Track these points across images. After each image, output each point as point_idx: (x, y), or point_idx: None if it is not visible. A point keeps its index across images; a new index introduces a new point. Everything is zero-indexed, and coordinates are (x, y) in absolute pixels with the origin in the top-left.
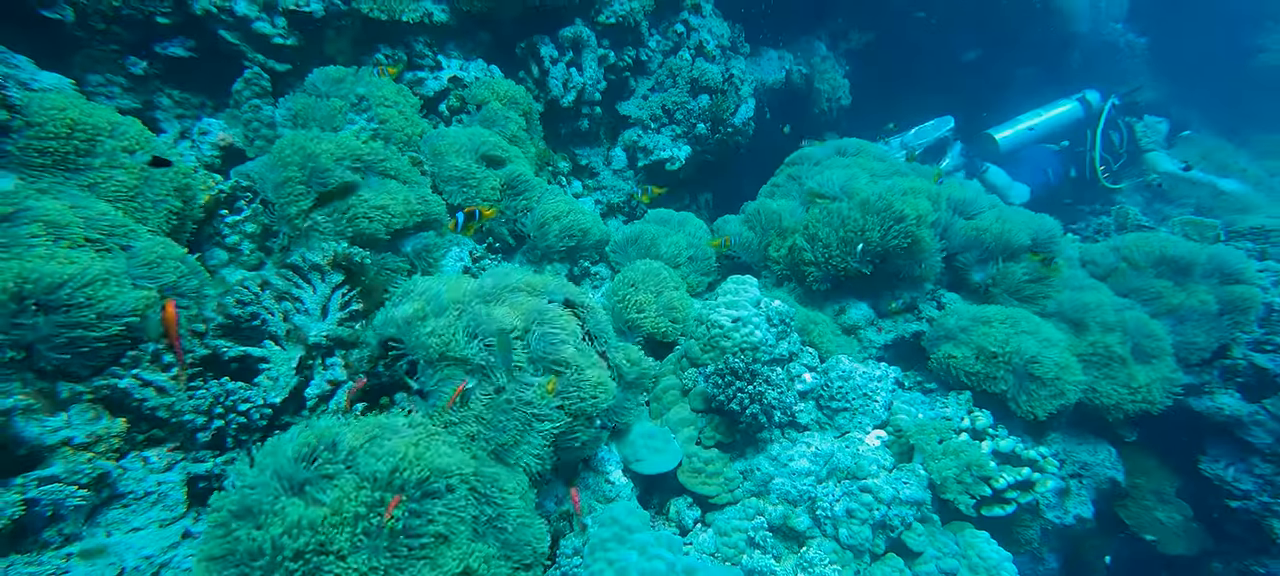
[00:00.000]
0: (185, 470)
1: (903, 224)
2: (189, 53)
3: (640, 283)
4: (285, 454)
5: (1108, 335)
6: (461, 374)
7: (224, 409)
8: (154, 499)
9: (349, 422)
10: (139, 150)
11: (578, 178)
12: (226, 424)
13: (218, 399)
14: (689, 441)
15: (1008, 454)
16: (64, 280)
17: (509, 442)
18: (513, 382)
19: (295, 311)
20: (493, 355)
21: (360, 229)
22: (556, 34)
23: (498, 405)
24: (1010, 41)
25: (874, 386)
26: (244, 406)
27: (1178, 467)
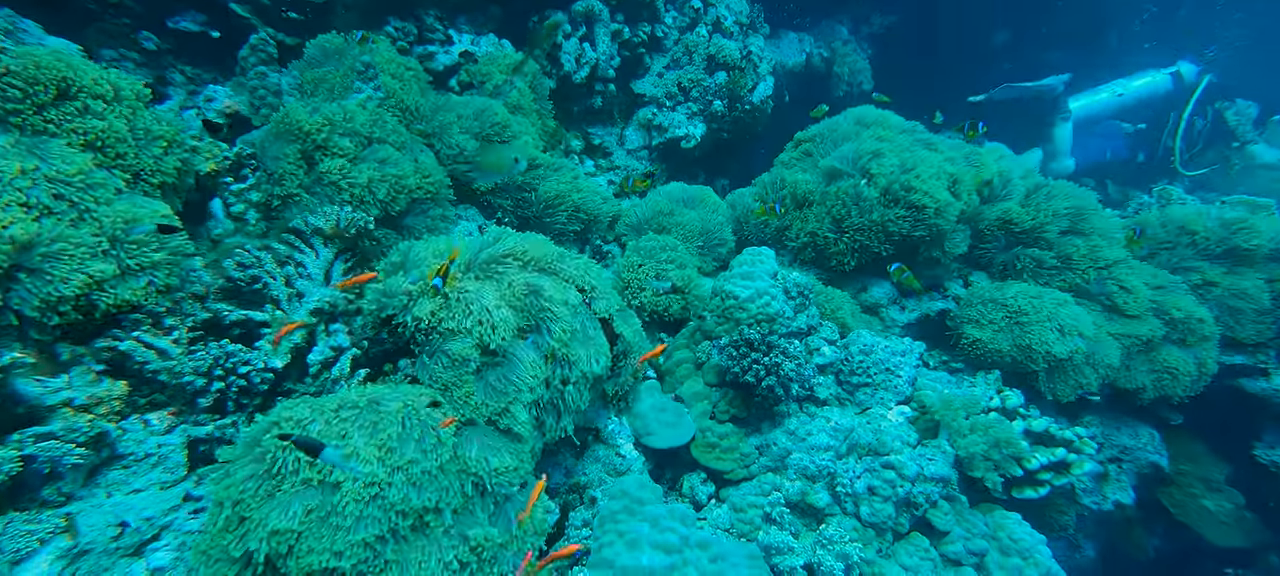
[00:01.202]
0: (186, 433)
1: (922, 214)
2: (201, 27)
3: (650, 258)
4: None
5: (1146, 316)
6: (456, 346)
7: (225, 371)
8: (154, 461)
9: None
10: (124, 106)
11: (590, 157)
12: (227, 387)
13: (218, 361)
14: (703, 415)
15: (1041, 433)
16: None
17: (497, 411)
18: (502, 360)
19: (298, 276)
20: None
21: (361, 198)
22: (569, 8)
23: (488, 381)
24: (1043, 22)
25: (897, 360)
26: (244, 370)
27: (1228, 453)
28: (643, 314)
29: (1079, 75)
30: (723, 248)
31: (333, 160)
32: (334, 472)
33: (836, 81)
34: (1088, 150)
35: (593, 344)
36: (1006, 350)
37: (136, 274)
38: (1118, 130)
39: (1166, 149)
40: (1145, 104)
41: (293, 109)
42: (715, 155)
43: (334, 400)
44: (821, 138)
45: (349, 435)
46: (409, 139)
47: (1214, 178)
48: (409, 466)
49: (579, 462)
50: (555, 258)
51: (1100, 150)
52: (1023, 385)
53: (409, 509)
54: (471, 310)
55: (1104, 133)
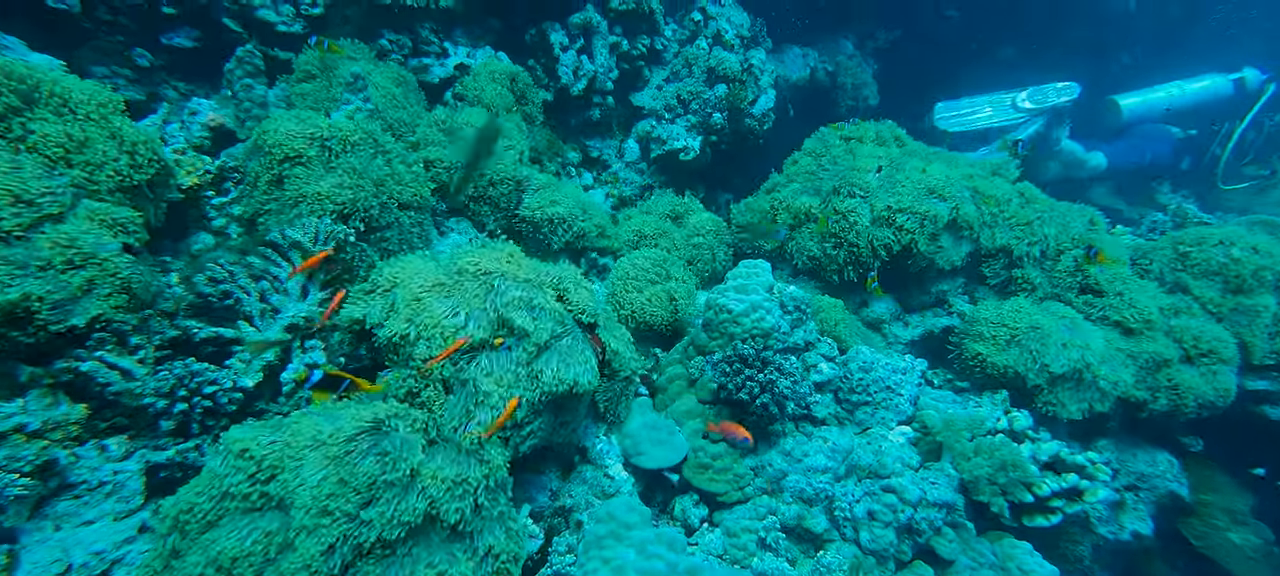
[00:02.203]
0: (144, 458)
1: (916, 240)
2: (195, 43)
3: (642, 271)
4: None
5: (1156, 336)
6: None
7: (189, 392)
8: (109, 490)
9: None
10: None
11: (588, 170)
12: (191, 408)
13: (182, 381)
14: (695, 434)
15: (1051, 459)
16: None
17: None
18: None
19: (273, 291)
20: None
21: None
22: (567, 20)
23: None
24: (1050, 39)
25: (898, 379)
26: (211, 389)
27: (1254, 483)
28: (631, 323)
29: (1090, 90)
30: (718, 261)
31: (311, 172)
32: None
33: (841, 95)
34: (1127, 150)
35: (575, 356)
36: (1013, 367)
37: (88, 292)
38: (1165, 133)
39: (1213, 158)
40: (1202, 108)
41: (274, 120)
42: (717, 168)
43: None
44: (818, 154)
45: (304, 460)
46: (396, 150)
47: (1242, 196)
48: (365, 485)
49: (565, 484)
50: (536, 269)
51: (1141, 152)
52: (1032, 405)
53: (365, 532)
54: (440, 324)
55: (1148, 135)
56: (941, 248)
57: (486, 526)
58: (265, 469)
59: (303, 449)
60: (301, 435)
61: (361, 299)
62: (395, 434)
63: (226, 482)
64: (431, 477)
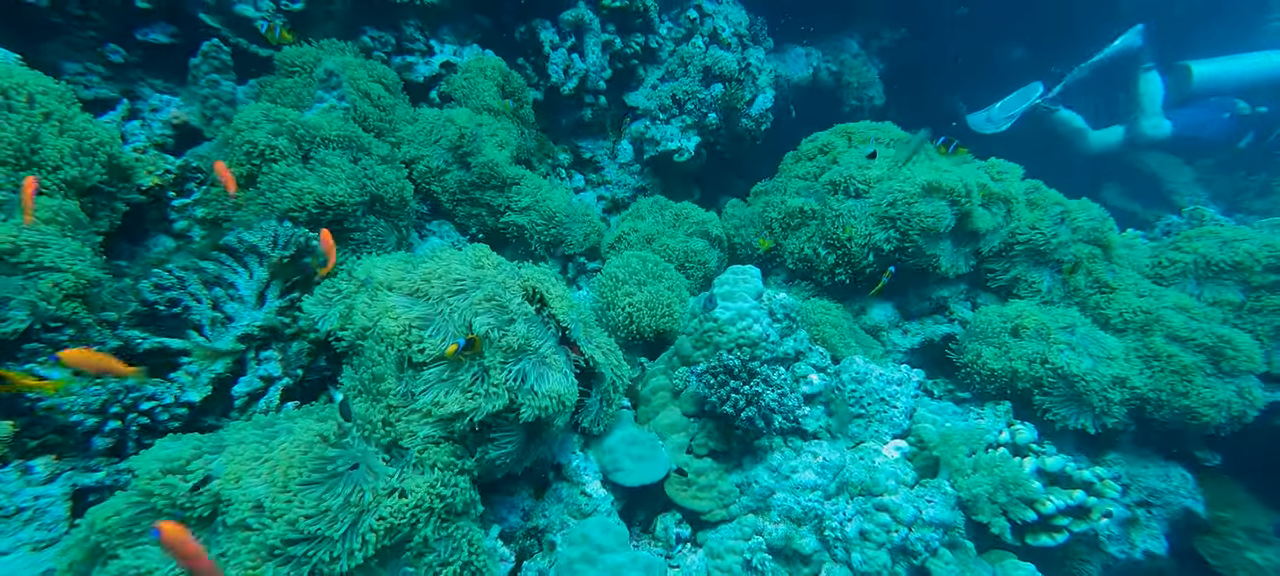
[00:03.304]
0: (72, 481)
1: (914, 243)
2: (172, 39)
3: (628, 275)
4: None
5: (1172, 344)
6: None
7: (123, 408)
8: (28, 516)
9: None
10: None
11: (580, 171)
12: (125, 425)
13: (115, 396)
14: (679, 449)
15: (1056, 473)
16: None
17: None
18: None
19: (228, 298)
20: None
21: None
22: (557, 18)
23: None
24: (1062, 40)
25: (893, 391)
26: (148, 406)
27: (1276, 501)
28: (620, 331)
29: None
30: (712, 265)
31: (278, 171)
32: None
33: (846, 95)
34: (1188, 119)
35: (550, 367)
36: (1015, 375)
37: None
38: (1230, 106)
39: (1278, 139)
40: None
41: (244, 115)
42: (713, 170)
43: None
44: (812, 154)
45: (242, 479)
46: (376, 149)
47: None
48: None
49: (539, 503)
50: (512, 273)
51: (1201, 123)
52: (1037, 417)
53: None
54: (403, 331)
55: (1214, 106)
56: (942, 251)
57: (450, 551)
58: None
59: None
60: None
61: (322, 302)
62: (351, 449)
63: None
64: (388, 503)
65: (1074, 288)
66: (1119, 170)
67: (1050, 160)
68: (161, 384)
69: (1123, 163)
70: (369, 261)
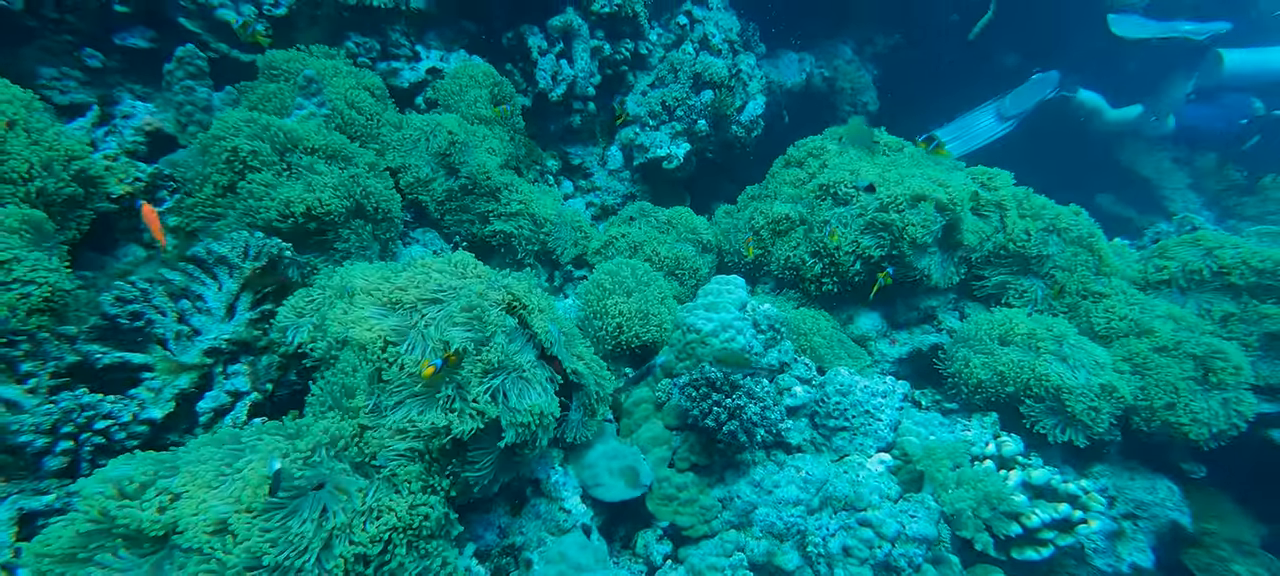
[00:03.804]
0: (18, 505)
1: (898, 246)
2: (151, 44)
3: (615, 283)
4: None
5: (1160, 355)
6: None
7: (76, 427)
8: None
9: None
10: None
11: (569, 178)
12: (78, 445)
13: (69, 414)
14: (661, 462)
15: (1042, 486)
16: None
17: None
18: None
19: (195, 311)
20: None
21: (283, 220)
22: (546, 24)
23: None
24: (1054, 45)
25: (878, 403)
26: (103, 425)
27: (1263, 513)
28: (606, 341)
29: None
30: (700, 272)
31: (256, 178)
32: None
33: (840, 101)
34: (1199, 115)
35: (528, 382)
36: (1002, 386)
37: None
38: (1248, 109)
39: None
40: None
41: (222, 121)
42: (704, 177)
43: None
44: (800, 160)
45: (200, 501)
46: (358, 156)
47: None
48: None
49: (516, 520)
50: (492, 282)
51: (1212, 120)
52: (1023, 427)
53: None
54: (376, 342)
55: (1231, 106)
56: (931, 260)
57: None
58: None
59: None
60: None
61: (295, 314)
62: (320, 467)
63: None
64: (360, 524)
65: (1063, 297)
66: (1114, 177)
67: (1060, 146)
68: (120, 401)
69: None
70: (345, 270)
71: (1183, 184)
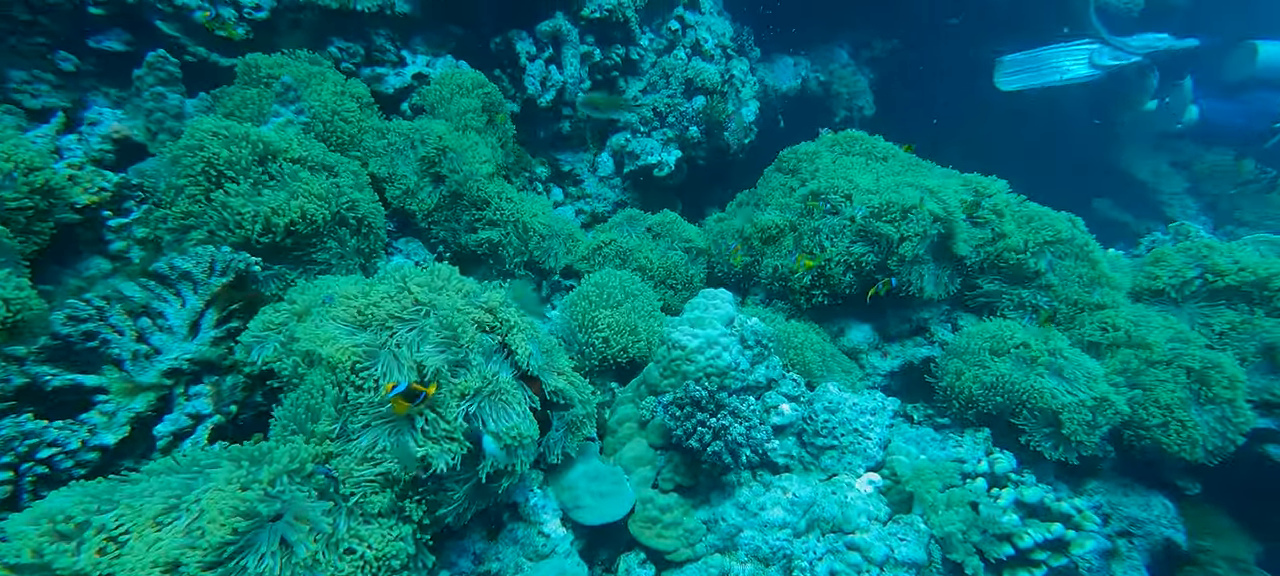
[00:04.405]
0: None
1: (890, 257)
2: (127, 47)
3: (601, 296)
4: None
5: (1155, 368)
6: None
7: (15, 458)
8: None
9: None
10: None
11: (559, 185)
12: (18, 476)
13: (8, 443)
14: (645, 483)
15: (1034, 505)
16: None
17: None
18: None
19: (156, 329)
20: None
21: (257, 233)
22: (534, 29)
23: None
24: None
25: (867, 421)
26: (48, 453)
27: (1259, 529)
28: (590, 353)
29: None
30: (692, 282)
31: (230, 189)
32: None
33: (835, 105)
34: (1227, 110)
35: (507, 404)
36: (994, 400)
37: None
38: (1269, 103)
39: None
40: None
41: (193, 128)
42: (697, 184)
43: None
44: (791, 168)
45: (146, 536)
46: (339, 166)
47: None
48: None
49: (491, 546)
50: (471, 296)
51: (1231, 114)
52: (1016, 439)
53: None
54: (346, 363)
55: (1259, 106)
56: (924, 270)
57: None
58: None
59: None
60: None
61: (262, 331)
62: (283, 497)
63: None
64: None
65: (1056, 310)
66: (1111, 181)
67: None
68: (68, 426)
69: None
70: (317, 285)
71: (1181, 188)
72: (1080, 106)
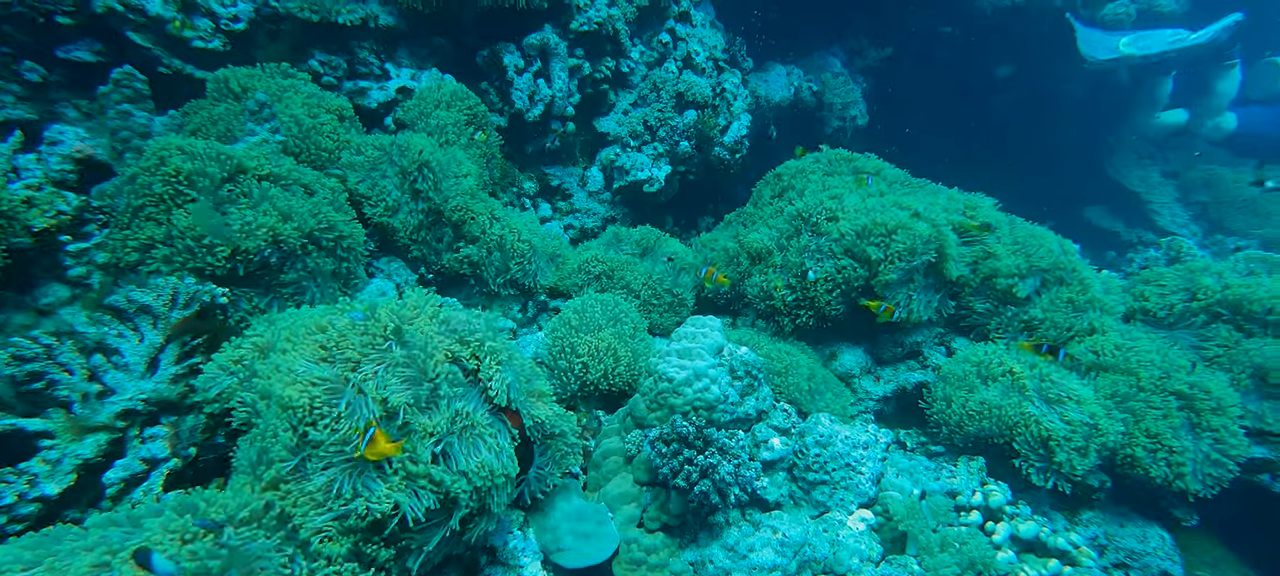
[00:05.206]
0: None
1: (876, 279)
2: (98, 58)
3: (583, 321)
4: None
5: (1143, 393)
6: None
7: None
8: None
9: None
10: None
11: (547, 199)
12: None
13: None
14: (630, 522)
15: (1030, 541)
16: None
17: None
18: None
19: (110, 367)
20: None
21: (222, 257)
22: (522, 42)
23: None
24: (1051, 55)
25: (859, 455)
26: None
27: (1257, 560)
28: (571, 381)
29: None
30: (681, 302)
31: (191, 208)
32: None
33: (828, 115)
34: (1258, 116)
35: (482, 444)
36: (984, 429)
37: None
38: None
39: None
40: None
41: (157, 145)
42: (688, 199)
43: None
44: (779, 187)
45: None
46: (316, 183)
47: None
48: None
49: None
50: (448, 324)
51: (1272, 121)
52: (1010, 466)
53: None
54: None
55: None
56: (913, 293)
57: None
58: None
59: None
60: None
61: (225, 367)
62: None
63: None
64: None
65: (1047, 335)
66: (1103, 190)
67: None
68: (4, 475)
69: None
70: (285, 316)
71: (1170, 198)
72: (1074, 115)
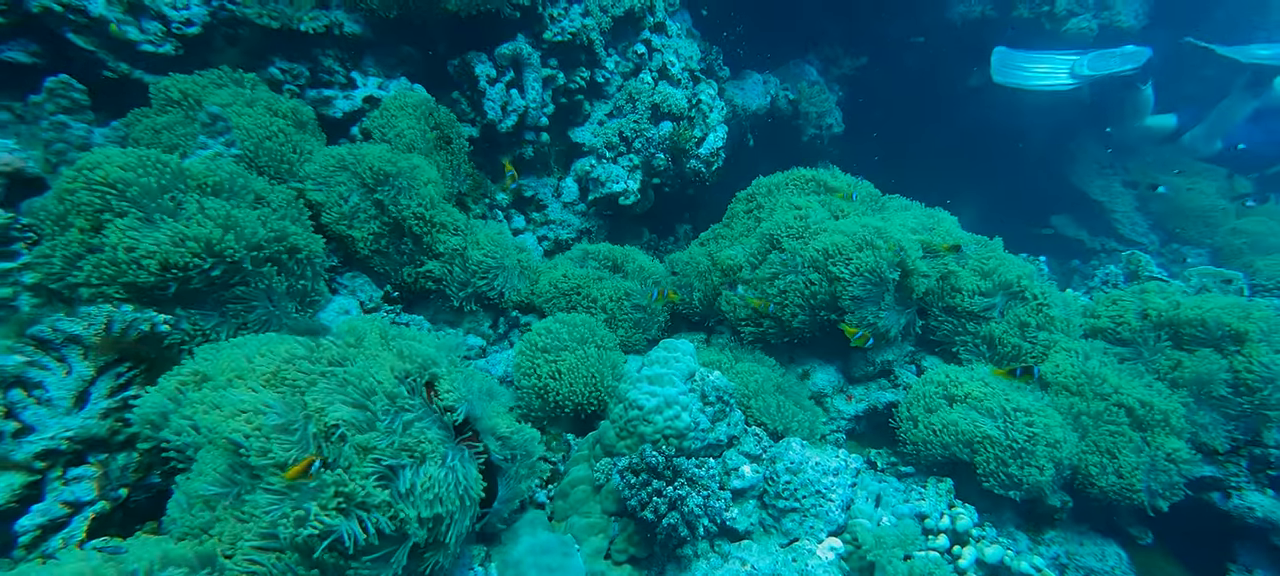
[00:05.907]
0: None
1: (850, 301)
2: (34, 59)
3: (551, 341)
4: None
5: (1096, 411)
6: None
7: None
8: None
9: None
10: None
11: (522, 211)
12: None
13: None
14: (597, 554)
15: (995, 565)
16: None
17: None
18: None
19: (31, 402)
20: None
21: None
22: (494, 52)
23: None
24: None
25: (829, 482)
26: None
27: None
28: (539, 403)
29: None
30: (653, 318)
31: (121, 222)
32: None
33: (804, 124)
34: (1257, 134)
35: (435, 470)
36: (950, 449)
37: None
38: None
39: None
40: None
41: (93, 156)
42: (664, 210)
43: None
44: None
45: None
46: (270, 194)
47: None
48: None
49: None
50: (402, 351)
51: (1249, 134)
52: (978, 486)
53: None
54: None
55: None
56: (881, 311)
57: None
58: None
59: None
60: None
61: (162, 400)
62: None
63: None
64: None
65: (1005, 352)
66: (1068, 199)
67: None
68: None
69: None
70: (230, 344)
71: (1130, 207)
72: (1042, 123)
